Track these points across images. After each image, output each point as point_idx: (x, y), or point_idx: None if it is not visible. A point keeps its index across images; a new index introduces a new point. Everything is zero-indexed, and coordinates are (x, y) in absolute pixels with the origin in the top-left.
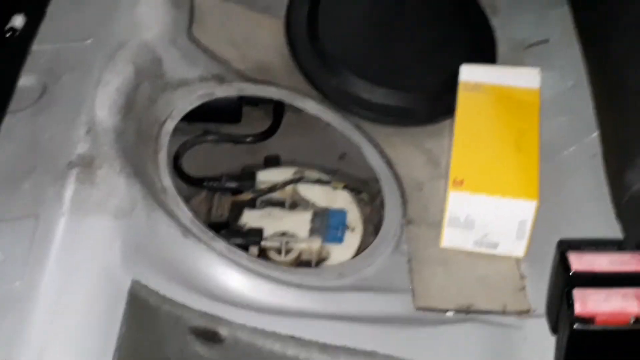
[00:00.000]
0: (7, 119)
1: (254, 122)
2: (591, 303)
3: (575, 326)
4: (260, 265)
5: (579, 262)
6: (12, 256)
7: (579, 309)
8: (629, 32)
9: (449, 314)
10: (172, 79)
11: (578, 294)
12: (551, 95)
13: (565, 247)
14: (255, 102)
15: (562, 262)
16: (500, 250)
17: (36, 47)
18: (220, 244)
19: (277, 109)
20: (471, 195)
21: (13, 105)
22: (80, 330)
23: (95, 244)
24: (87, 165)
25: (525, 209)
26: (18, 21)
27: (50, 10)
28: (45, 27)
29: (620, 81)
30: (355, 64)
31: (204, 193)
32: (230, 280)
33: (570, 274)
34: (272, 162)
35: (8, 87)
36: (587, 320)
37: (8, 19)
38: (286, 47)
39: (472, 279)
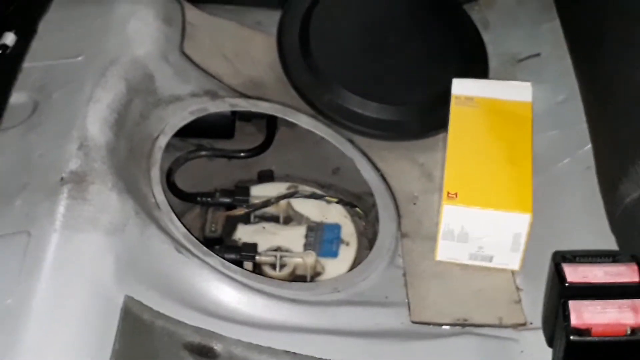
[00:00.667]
0: None
1: (247, 138)
2: (587, 314)
3: (571, 338)
4: (255, 280)
5: (574, 273)
6: (4, 273)
7: (574, 320)
8: (618, 44)
9: (445, 327)
10: (164, 95)
11: (574, 305)
12: (543, 108)
13: (559, 258)
14: (248, 117)
15: (557, 274)
16: (496, 263)
17: (27, 64)
18: (214, 259)
19: (270, 124)
20: (465, 209)
21: (4, 122)
22: (73, 347)
23: (88, 260)
24: (79, 181)
25: (519, 222)
26: (9, 39)
27: (42, 27)
28: (37, 45)
29: (610, 93)
30: (348, 79)
31: (198, 209)
32: (225, 296)
33: (566, 285)
34: (265, 177)
35: (0, 104)
36: (583, 331)
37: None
38: (278, 62)
39: (468, 292)
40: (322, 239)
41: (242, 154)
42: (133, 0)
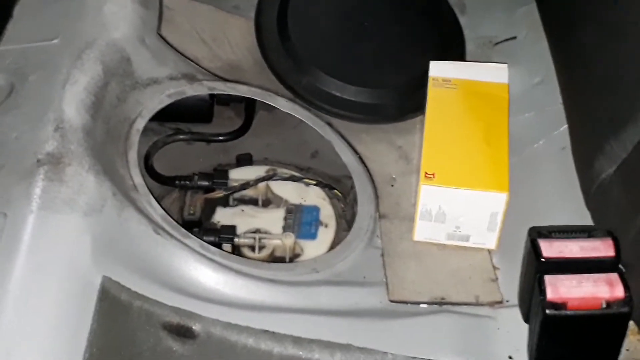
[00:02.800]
0: None
1: (226, 122)
2: (562, 289)
3: (547, 312)
4: (233, 261)
5: (550, 248)
6: None
7: (550, 294)
8: (593, 23)
9: (423, 306)
10: (141, 78)
11: (549, 280)
12: (519, 91)
13: (535, 234)
14: (226, 101)
15: (532, 249)
16: (473, 243)
17: (3, 47)
18: (193, 241)
19: (249, 107)
20: (442, 189)
21: None
22: (50, 327)
23: (65, 241)
24: (55, 163)
25: (496, 201)
26: None
27: (17, 12)
28: (12, 28)
29: (586, 71)
30: (326, 62)
31: (176, 192)
32: (203, 276)
33: (542, 260)
34: (244, 160)
35: None
36: (559, 305)
37: None
38: (256, 46)
39: (445, 271)
40: (301, 221)
41: (220, 138)
42: None
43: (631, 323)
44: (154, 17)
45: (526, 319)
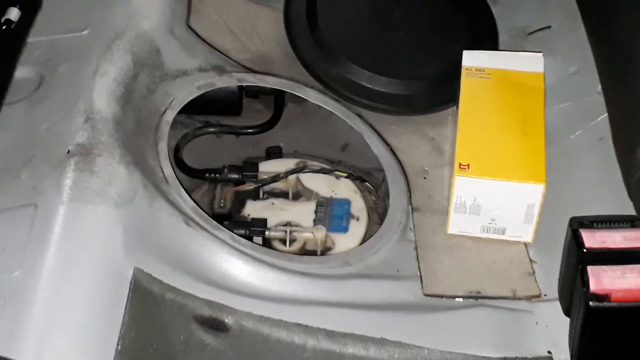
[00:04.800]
0: (4, 110)
1: (255, 115)
2: (606, 280)
3: (590, 304)
4: (265, 254)
5: (592, 239)
6: (11, 245)
7: (593, 286)
8: (636, 8)
9: (458, 300)
10: (170, 69)
11: (592, 271)
12: (554, 81)
13: (577, 224)
14: (255, 94)
15: (574, 240)
16: (509, 236)
17: (32, 39)
18: (224, 233)
19: (278, 100)
20: (477, 180)
21: (10, 97)
22: (82, 319)
23: (96, 232)
24: (86, 153)
25: (532, 193)
26: (13, 14)
27: (46, 2)
28: (42, 19)
29: (628, 58)
30: (356, 53)
31: (206, 186)
32: (235, 269)
33: (584, 251)
34: (274, 153)
35: (4, 79)
36: (603, 297)
37: (3, 11)
38: (285, 38)
39: (481, 265)
40: (332, 214)
41: (250, 130)
42: None
43: None
44: (182, 8)
45: (567, 312)
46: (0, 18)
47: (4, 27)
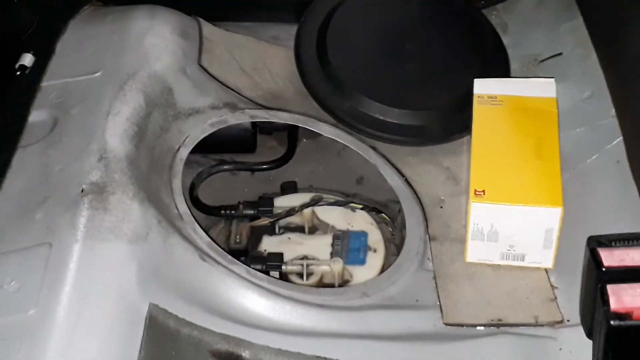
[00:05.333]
0: (19, 153)
1: (269, 151)
2: (627, 298)
3: (611, 323)
4: (282, 287)
5: (611, 257)
6: (26, 284)
7: (614, 304)
8: None
9: (480, 328)
10: (183, 108)
11: (612, 289)
12: (568, 107)
13: (595, 243)
14: (269, 130)
15: (592, 259)
16: (528, 262)
17: (46, 83)
18: (240, 267)
19: (291, 135)
20: (494, 206)
21: (24, 140)
22: (97, 356)
23: (111, 269)
24: (99, 192)
25: (550, 217)
26: (27, 60)
27: (59, 47)
28: (55, 64)
29: (639, 80)
30: (368, 86)
31: (222, 224)
32: (251, 303)
33: (602, 270)
34: (289, 188)
35: (19, 122)
36: (624, 316)
37: (17, 57)
38: (296, 74)
39: (501, 292)
40: (349, 247)
41: (264, 167)
42: (149, 17)
43: None
44: (194, 48)
45: (589, 334)
46: (14, 64)
47: (18, 73)
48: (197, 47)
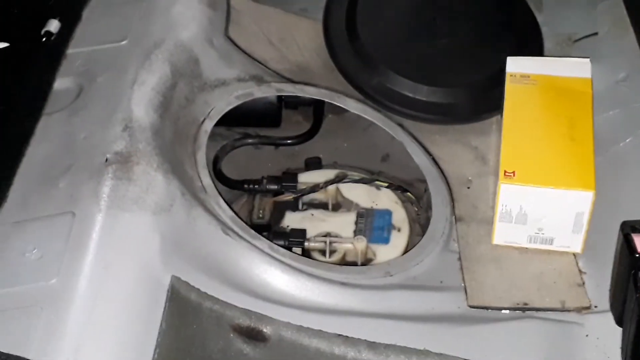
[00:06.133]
0: (43, 120)
1: (294, 126)
2: None
3: None
4: (304, 264)
5: None
6: (49, 253)
7: None
8: None
9: (505, 311)
10: (209, 79)
11: None
12: (602, 88)
13: (629, 228)
14: (294, 105)
15: (626, 245)
16: (557, 246)
17: (71, 50)
18: (262, 242)
19: (317, 110)
20: (523, 187)
21: (49, 107)
22: (118, 327)
23: (133, 240)
24: (124, 162)
25: (581, 200)
26: (53, 26)
27: (86, 14)
28: (81, 31)
29: None
30: (397, 62)
31: (245, 198)
32: (274, 278)
33: (636, 256)
34: (313, 164)
35: (44, 90)
36: None
37: (43, 23)
38: (324, 48)
39: (528, 276)
40: (373, 225)
41: (289, 142)
42: None
43: None
44: (221, 19)
45: (619, 321)
46: (40, 30)
47: (44, 39)
48: (224, 17)
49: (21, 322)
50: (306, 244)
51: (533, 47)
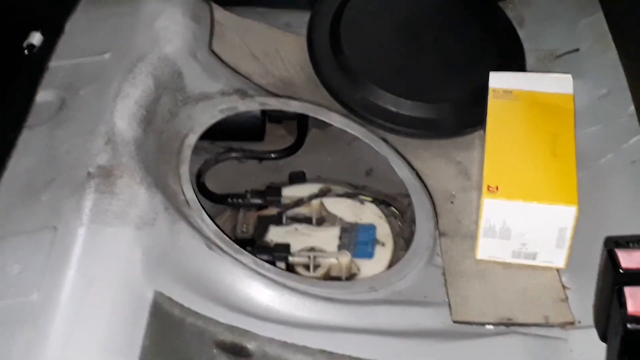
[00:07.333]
0: (25, 133)
1: (278, 140)
2: None
3: (628, 326)
4: (288, 278)
5: (629, 259)
6: (30, 268)
7: (631, 307)
8: None
9: (489, 327)
10: (193, 93)
11: (630, 292)
12: (584, 104)
13: (612, 244)
14: (278, 119)
15: (610, 260)
16: (540, 261)
17: (54, 63)
18: (246, 257)
19: (301, 124)
20: (507, 202)
21: (31, 120)
22: (101, 342)
23: (116, 255)
24: (106, 175)
25: (564, 216)
26: (36, 38)
27: (69, 27)
28: (64, 44)
29: None
30: (381, 77)
31: (228, 212)
32: (257, 293)
33: (620, 271)
34: (297, 178)
35: (26, 103)
36: None
37: (26, 36)
38: (308, 62)
39: (512, 291)
40: (357, 239)
41: (273, 156)
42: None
43: None
44: (205, 32)
45: (603, 337)
46: (22, 43)
47: (26, 52)
48: (208, 31)
49: (1, 338)
50: (290, 258)
51: (515, 62)
